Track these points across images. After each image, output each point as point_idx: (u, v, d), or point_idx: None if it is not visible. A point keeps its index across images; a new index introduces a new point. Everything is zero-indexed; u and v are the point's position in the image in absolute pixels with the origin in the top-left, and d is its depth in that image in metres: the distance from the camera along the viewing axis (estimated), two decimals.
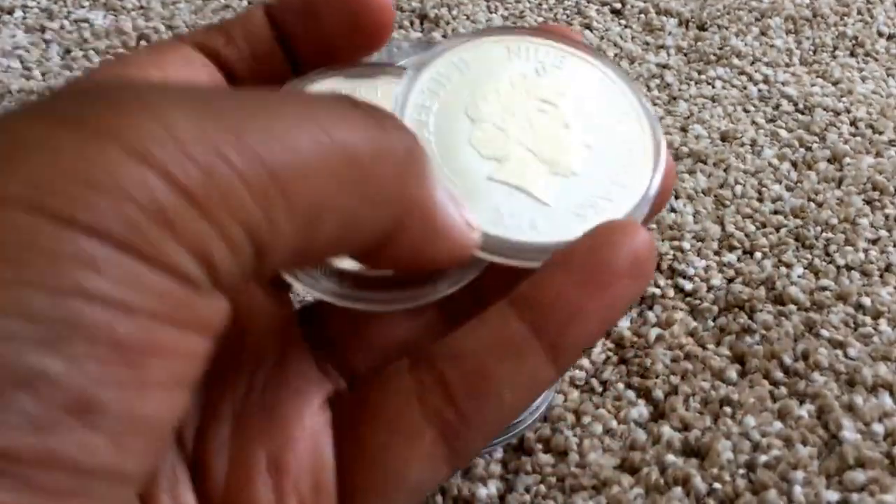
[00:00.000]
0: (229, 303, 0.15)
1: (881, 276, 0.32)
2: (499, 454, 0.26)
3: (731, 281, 0.31)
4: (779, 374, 0.28)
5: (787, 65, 0.42)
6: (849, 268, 0.32)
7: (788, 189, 0.35)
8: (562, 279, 0.19)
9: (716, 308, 0.30)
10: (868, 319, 0.30)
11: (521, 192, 0.20)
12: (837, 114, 0.39)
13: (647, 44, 0.43)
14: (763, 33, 0.44)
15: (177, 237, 0.13)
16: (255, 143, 0.14)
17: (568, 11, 0.45)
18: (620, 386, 0.28)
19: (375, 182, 0.16)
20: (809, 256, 0.32)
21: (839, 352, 0.29)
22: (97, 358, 0.12)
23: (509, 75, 0.21)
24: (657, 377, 0.28)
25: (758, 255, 0.32)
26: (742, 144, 0.37)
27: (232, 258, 0.14)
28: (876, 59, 0.43)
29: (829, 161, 0.36)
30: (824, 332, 0.29)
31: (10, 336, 0.12)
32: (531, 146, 0.20)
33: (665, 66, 0.42)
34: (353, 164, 0.15)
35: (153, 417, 0.13)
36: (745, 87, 0.40)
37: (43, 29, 0.43)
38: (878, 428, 0.26)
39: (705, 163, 0.36)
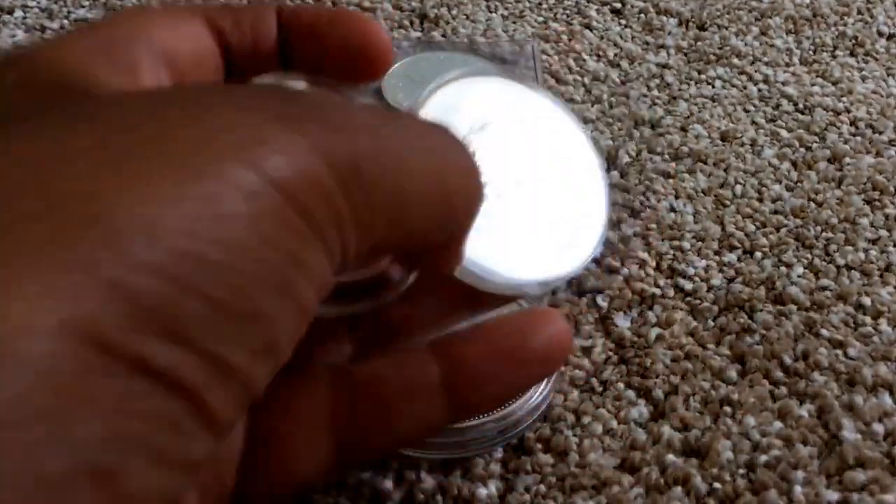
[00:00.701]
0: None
1: (881, 276, 0.32)
2: (499, 454, 0.26)
3: (731, 281, 0.31)
4: (779, 374, 0.28)
5: (787, 65, 0.42)
6: (849, 268, 0.32)
7: (788, 189, 0.35)
8: (482, 347, 0.21)
9: (716, 308, 0.30)
10: (868, 319, 0.30)
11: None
12: (837, 114, 0.39)
13: (647, 44, 0.43)
14: (763, 33, 0.44)
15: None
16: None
17: (568, 11, 0.45)
18: (620, 386, 0.28)
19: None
20: (809, 256, 0.32)
21: (839, 352, 0.29)
22: None
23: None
24: (657, 377, 0.28)
25: (758, 254, 0.32)
26: (742, 144, 0.37)
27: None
28: (876, 59, 0.43)
29: (829, 161, 0.36)
30: (824, 332, 0.29)
31: None
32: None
33: (665, 66, 0.42)
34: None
35: None
36: (745, 87, 0.40)
37: (43, 29, 0.43)
38: (878, 428, 0.26)
39: (705, 163, 0.36)
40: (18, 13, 0.44)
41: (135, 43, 0.19)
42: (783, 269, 0.32)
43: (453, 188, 0.17)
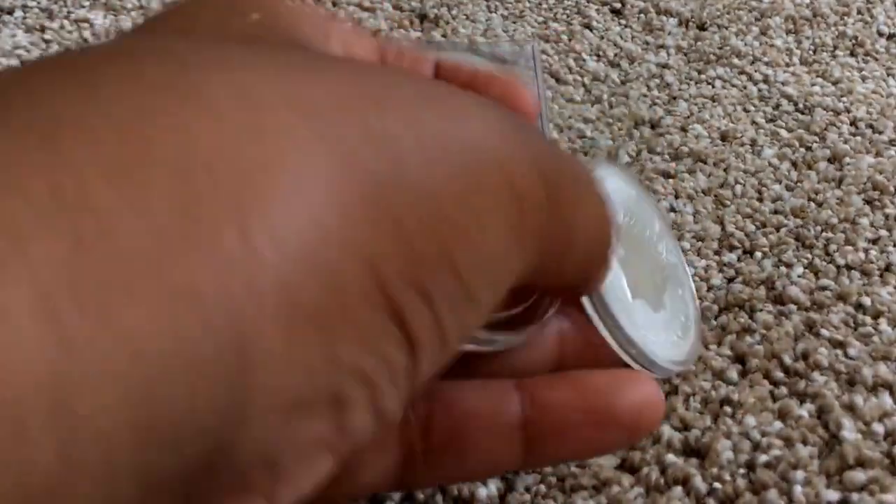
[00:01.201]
0: None
1: (881, 275, 0.32)
2: None
3: (731, 281, 0.31)
4: (779, 374, 0.28)
5: (787, 65, 0.42)
6: (849, 268, 0.32)
7: (788, 189, 0.35)
8: (569, 395, 0.20)
9: (716, 307, 0.30)
10: (868, 319, 0.30)
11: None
12: (837, 114, 0.39)
13: (647, 44, 0.43)
14: (763, 33, 0.44)
15: None
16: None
17: (568, 11, 0.45)
18: None
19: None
20: (809, 256, 0.32)
21: (839, 351, 0.29)
22: None
23: None
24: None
25: (758, 254, 0.32)
26: (742, 144, 0.37)
27: None
28: (876, 59, 0.43)
29: (829, 161, 0.36)
30: (824, 332, 0.29)
31: None
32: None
33: (665, 66, 0.42)
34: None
35: None
36: (745, 87, 0.40)
37: (43, 29, 0.43)
38: (878, 428, 0.26)
39: (705, 163, 0.36)
40: (18, 13, 0.44)
41: (331, 35, 0.19)
42: (783, 269, 0.32)
43: (603, 233, 0.18)
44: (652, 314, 0.23)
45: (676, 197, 0.34)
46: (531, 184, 0.15)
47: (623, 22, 0.45)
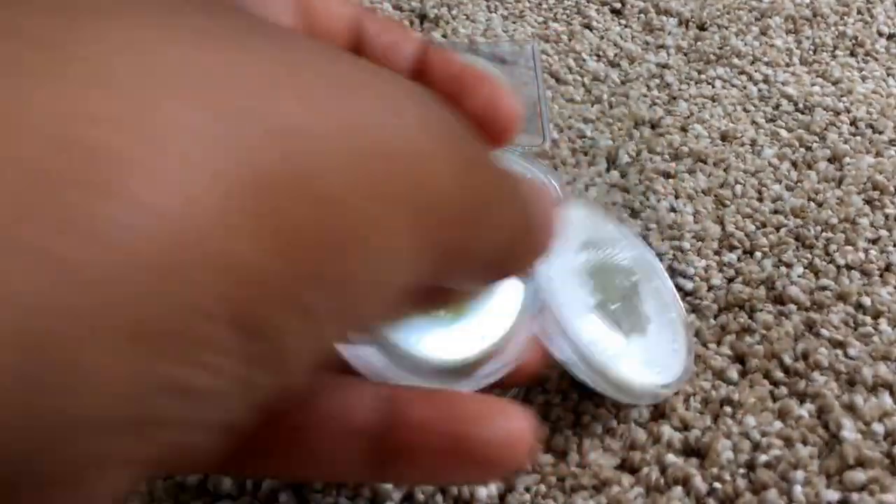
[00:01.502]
0: None
1: (881, 275, 0.32)
2: None
3: (731, 281, 0.31)
4: (779, 374, 0.28)
5: (787, 65, 0.42)
6: (849, 268, 0.32)
7: (788, 189, 0.35)
8: (432, 417, 0.19)
9: (716, 307, 0.30)
10: (868, 319, 0.30)
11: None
12: (837, 113, 0.39)
13: (647, 44, 0.43)
14: (763, 33, 0.44)
15: None
16: None
17: (568, 11, 0.45)
18: None
19: None
20: (809, 256, 0.32)
21: (839, 351, 0.29)
22: None
23: None
24: None
25: (758, 254, 0.32)
26: (742, 144, 0.37)
27: None
28: (876, 59, 0.43)
29: (829, 161, 0.36)
30: (824, 332, 0.29)
31: None
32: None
33: (665, 66, 0.42)
34: None
35: None
36: (745, 87, 0.40)
37: None
38: (878, 428, 0.26)
39: (705, 163, 0.36)
40: None
41: None
42: (783, 269, 0.32)
43: (527, 236, 0.17)
44: (627, 342, 0.24)
45: (676, 197, 0.34)
46: (443, 186, 0.14)
47: (623, 22, 0.45)
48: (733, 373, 0.28)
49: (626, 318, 0.25)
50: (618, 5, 0.46)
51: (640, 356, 0.25)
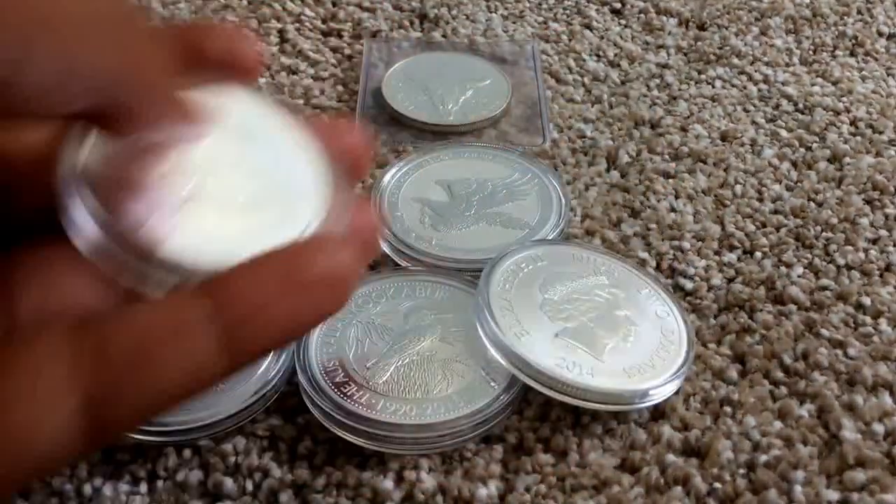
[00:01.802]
0: None
1: (881, 275, 0.32)
2: (499, 454, 0.26)
3: (731, 280, 0.31)
4: (779, 374, 0.28)
5: (787, 65, 0.42)
6: (849, 267, 0.32)
7: (788, 189, 0.35)
8: (252, 277, 0.19)
9: (716, 307, 0.30)
10: (868, 319, 0.30)
11: None
12: (837, 114, 0.39)
13: (647, 44, 0.43)
14: (763, 33, 0.44)
15: None
16: None
17: (568, 11, 0.45)
18: None
19: None
20: (809, 256, 0.32)
21: (839, 351, 0.29)
22: None
23: None
24: None
25: (758, 254, 0.32)
26: (742, 144, 0.37)
27: None
28: (876, 59, 0.43)
29: (829, 161, 0.36)
30: (824, 332, 0.29)
31: None
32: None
33: (665, 66, 0.42)
34: None
35: None
36: (745, 87, 0.40)
37: None
38: (878, 428, 0.26)
39: (705, 163, 0.36)
40: None
41: None
42: (783, 269, 0.32)
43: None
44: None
45: (676, 197, 0.34)
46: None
47: (623, 22, 0.45)
48: (733, 373, 0.28)
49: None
50: (618, 5, 0.46)
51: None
